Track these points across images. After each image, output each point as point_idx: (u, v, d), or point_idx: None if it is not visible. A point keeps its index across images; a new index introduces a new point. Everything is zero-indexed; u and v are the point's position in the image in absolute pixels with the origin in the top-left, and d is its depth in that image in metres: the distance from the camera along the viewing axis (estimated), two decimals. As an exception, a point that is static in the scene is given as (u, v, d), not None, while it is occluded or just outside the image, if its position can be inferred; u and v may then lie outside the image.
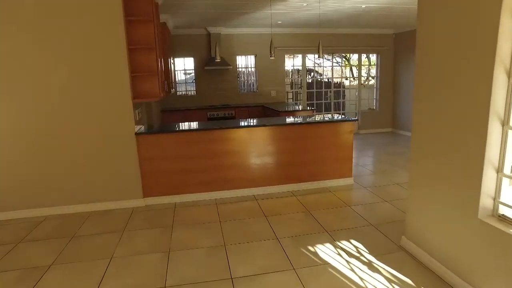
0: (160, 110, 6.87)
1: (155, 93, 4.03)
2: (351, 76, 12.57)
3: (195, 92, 7.67)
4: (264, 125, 4.15)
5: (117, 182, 3.95)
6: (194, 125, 4.40)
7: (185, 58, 7.62)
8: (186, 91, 7.78)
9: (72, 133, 3.75)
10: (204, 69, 7.29)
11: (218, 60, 4.94)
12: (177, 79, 7.60)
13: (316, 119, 4.53)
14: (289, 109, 6.22)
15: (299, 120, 4.56)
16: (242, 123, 4.32)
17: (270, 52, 4.51)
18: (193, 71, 7.60)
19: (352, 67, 12.77)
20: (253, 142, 4.16)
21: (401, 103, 8.28)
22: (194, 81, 7.65)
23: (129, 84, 3.77)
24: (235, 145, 4.12)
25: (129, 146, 3.89)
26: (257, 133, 4.14)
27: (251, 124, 4.25)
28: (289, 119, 4.64)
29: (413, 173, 2.68)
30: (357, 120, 3.81)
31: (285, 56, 7.94)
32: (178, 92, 7.66)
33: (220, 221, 3.53)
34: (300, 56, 8.22)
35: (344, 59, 12.70)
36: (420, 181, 2.57)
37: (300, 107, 7.09)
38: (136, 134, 3.88)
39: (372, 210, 3.68)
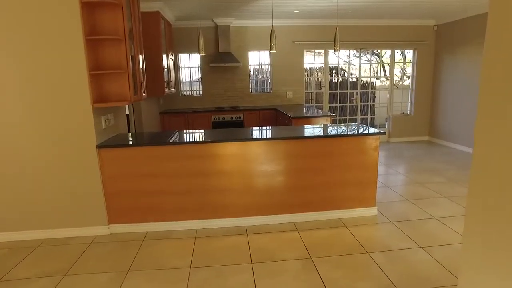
0: (159, 113, 6.12)
1: (124, 95, 3.23)
2: (383, 75, 11.32)
3: (201, 92, 6.87)
4: (262, 139, 3.23)
5: (76, 204, 3.19)
6: (176, 136, 3.56)
7: (191, 54, 6.82)
8: (191, 91, 6.99)
9: (17, 145, 3.03)
10: (210, 66, 6.45)
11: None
12: (181, 78, 6.83)
13: (331, 132, 3.54)
14: (304, 114, 5.24)
15: (309, 131, 3.59)
16: (234, 136, 3.42)
17: (270, 45, 3.57)
18: (199, 68, 6.79)
19: (384, 65, 11.50)
20: (248, 160, 3.25)
21: (441, 107, 7.02)
22: (200, 80, 6.84)
23: (87, 85, 2.99)
24: (225, 163, 3.24)
25: (89, 161, 3.12)
26: (254, 148, 3.23)
27: (246, 137, 3.34)
28: (297, 130, 3.68)
29: (471, 218, 1.67)
30: (383, 133, 2.75)
31: (304, 51, 6.94)
32: (182, 92, 6.89)
33: (191, 267, 2.66)
34: (322, 51, 7.18)
35: (376, 55, 11.43)
36: (487, 232, 1.55)
37: (320, 112, 6.07)
38: (98, 147, 3.10)
39: (400, 262, 2.66)
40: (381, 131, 3.34)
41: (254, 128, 3.83)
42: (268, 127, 3.84)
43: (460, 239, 2.96)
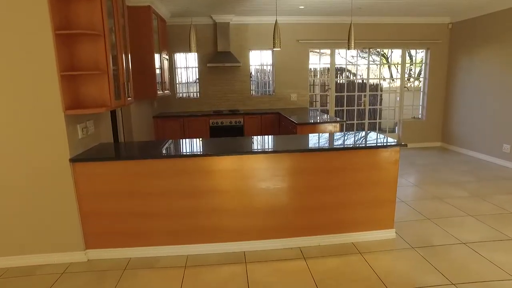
0: (153, 117, 5.67)
1: (103, 100, 2.78)
2: (388, 76, 10.85)
3: (198, 94, 6.42)
4: (263, 152, 2.76)
5: (46, 226, 2.74)
6: (167, 147, 3.10)
7: (187, 54, 6.37)
8: (188, 93, 6.54)
9: (-23, 157, 2.58)
10: (207, 66, 6.00)
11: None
12: (177, 79, 6.38)
13: (342, 143, 3.08)
14: (309, 121, 4.78)
15: (317, 142, 3.13)
16: (231, 148, 2.96)
17: (274, 41, 3.10)
18: (196, 69, 6.34)
19: (391, 66, 11.02)
20: (247, 176, 2.79)
21: (456, 111, 6.54)
22: (197, 81, 6.39)
23: (58, 88, 2.53)
24: (221, 180, 2.78)
25: (61, 177, 2.67)
26: (254, 163, 2.77)
27: (245, 149, 2.88)
28: (303, 140, 3.22)
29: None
30: (405, 145, 2.25)
31: (309, 51, 6.48)
32: (178, 95, 6.44)
33: (177, 309, 2.21)
34: (328, 51, 6.72)
35: (381, 56, 10.95)
36: None
37: (328, 117, 5.61)
38: (72, 160, 2.65)
39: (430, 304, 2.20)
40: (402, 143, 2.87)
41: (254, 137, 3.37)
42: (269, 137, 3.38)
43: (500, 273, 2.49)
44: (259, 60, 6.51)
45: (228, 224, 2.87)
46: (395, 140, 2.98)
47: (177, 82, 6.40)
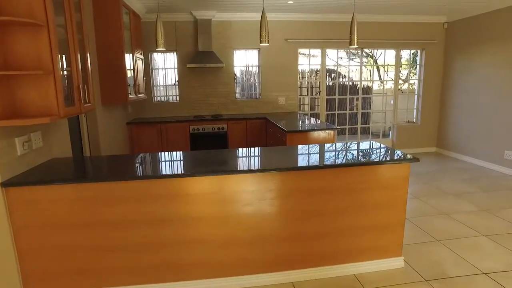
0: (126, 123, 5.10)
1: (48, 108, 2.22)
2: (379, 79, 10.53)
3: (177, 98, 5.87)
4: (248, 171, 2.25)
5: (-26, 269, 2.16)
6: (131, 165, 2.56)
7: (166, 54, 5.82)
8: (166, 96, 5.98)
9: None
10: (187, 67, 5.46)
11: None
12: (154, 81, 5.82)
13: (343, 157, 2.60)
14: (301, 128, 4.31)
15: (312, 157, 2.65)
16: (209, 166, 2.43)
17: (261, 36, 2.60)
18: (175, 70, 5.79)
19: (379, 68, 10.71)
20: (228, 200, 2.28)
21: (452, 114, 6.19)
22: (176, 83, 5.84)
23: (-18, 93, 1.97)
24: (194, 205, 2.25)
25: (-9, 206, 2.10)
26: (236, 184, 2.26)
27: (226, 168, 2.36)
28: (295, 153, 2.73)
29: None
30: (417, 160, 1.72)
31: (299, 51, 6.02)
32: (155, 98, 5.87)
33: None
34: (316, 52, 6.28)
35: (369, 57, 10.61)
36: None
37: (318, 122, 5.16)
38: (5, 185, 2.08)
39: None
40: (415, 158, 2.40)
41: (237, 150, 2.86)
42: (255, 150, 2.87)
43: (537, 318, 2.05)
44: (244, 60, 6.02)
45: (205, 258, 2.34)
46: (407, 155, 2.51)
47: (154, 84, 5.83)
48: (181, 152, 2.80)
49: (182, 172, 2.19)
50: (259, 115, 5.65)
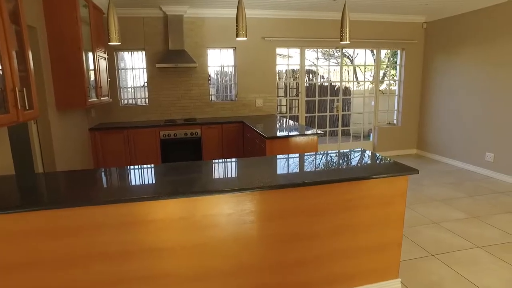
0: (89, 129, 4.59)
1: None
2: (355, 80, 10.45)
3: (147, 100, 5.40)
4: (225, 191, 1.88)
5: None
6: (84, 184, 2.13)
7: (133, 53, 5.35)
8: (135, 99, 5.50)
9: None
10: (156, 67, 5.02)
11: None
12: (120, 83, 5.33)
13: (334, 170, 2.29)
14: (282, 132, 4.00)
15: (297, 171, 2.32)
16: (177, 187, 2.04)
17: (237, 29, 2.22)
18: (144, 71, 5.33)
19: (356, 68, 10.62)
20: (199, 225, 1.90)
21: (432, 116, 6.09)
22: (145, 84, 5.38)
23: None
24: (160, 233, 1.86)
25: None
26: (210, 207, 1.89)
27: (197, 189, 1.98)
28: (276, 166, 2.40)
29: None
30: (417, 172, 1.38)
31: (277, 50, 5.71)
32: (122, 101, 5.38)
33: None
34: (295, 51, 6.00)
35: (346, 57, 10.49)
36: None
37: (298, 126, 4.87)
38: None
39: None
40: (414, 169, 2.12)
41: (211, 163, 2.49)
42: (232, 163, 2.51)
43: None
44: (219, 60, 5.64)
45: (174, 295, 1.96)
46: (405, 165, 2.24)
47: (121, 86, 5.34)
48: (146, 166, 2.39)
49: (145, 194, 1.80)
50: (235, 118, 5.28)
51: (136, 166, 2.41)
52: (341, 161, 2.45)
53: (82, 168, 4.22)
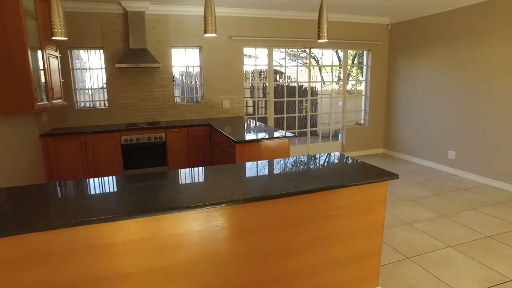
0: (40, 136, 4.16)
1: None
2: (321, 80, 10.53)
3: (106, 103, 5.02)
4: (194, 207, 1.68)
5: None
6: (27, 204, 1.83)
7: (90, 51, 4.95)
8: (93, 101, 5.09)
9: None
10: (116, 67, 4.67)
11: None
12: (76, 84, 4.91)
13: (311, 181, 2.15)
14: (252, 136, 3.83)
15: (270, 181, 2.17)
16: (140, 201, 1.81)
17: (205, 24, 2.01)
18: (103, 71, 4.95)
19: (322, 69, 10.72)
20: (165, 246, 1.68)
21: (397, 116, 6.23)
22: (104, 86, 5.00)
23: None
24: (120, 258, 1.62)
25: None
26: (177, 224, 1.68)
27: (161, 206, 1.76)
28: (245, 174, 2.23)
29: None
30: (396, 177, 1.27)
31: (244, 50, 5.55)
32: (78, 104, 4.96)
33: None
34: (261, 51, 5.87)
35: (311, 57, 10.55)
36: None
37: (266, 127, 4.74)
38: None
39: None
40: (394, 174, 2.04)
41: (176, 174, 2.27)
42: (199, 172, 2.31)
43: None
44: (184, 60, 5.37)
45: (139, 325, 1.73)
46: (384, 174, 2.15)
47: (77, 88, 4.92)
48: (103, 179, 2.13)
49: (101, 215, 1.55)
50: (202, 121, 5.05)
51: (91, 180, 2.13)
52: (317, 168, 2.33)
53: (31, 181, 3.80)
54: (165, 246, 1.67)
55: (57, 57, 4.14)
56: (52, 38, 1.72)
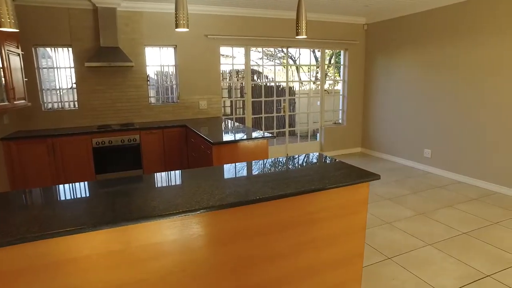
0: (1, 139, 3.88)
1: None
2: (298, 80, 10.57)
3: (75, 104, 4.77)
4: (167, 214, 1.56)
5: None
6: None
7: (57, 49, 4.68)
8: (61, 102, 4.82)
9: None
10: (85, 66, 4.43)
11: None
12: (43, 84, 4.63)
13: (291, 184, 2.07)
14: (229, 136, 3.73)
15: (248, 183, 2.07)
16: (108, 208, 1.67)
17: (177, 18, 1.89)
18: (72, 70, 4.70)
19: (299, 68, 10.77)
20: (137, 259, 1.55)
21: (374, 115, 6.30)
22: (74, 86, 4.74)
23: None
24: (86, 274, 1.48)
25: None
26: (148, 233, 1.55)
27: (131, 215, 1.62)
28: (224, 177, 2.13)
29: None
30: (378, 177, 1.21)
31: (221, 50, 5.43)
32: (46, 105, 4.68)
33: None
34: (238, 51, 5.77)
35: (288, 57, 10.58)
36: None
37: (244, 128, 4.65)
38: None
39: None
40: (375, 175, 2.00)
41: (150, 179, 2.14)
42: (175, 176, 2.19)
43: None
44: (159, 59, 5.19)
45: None
46: (366, 175, 2.10)
47: (43, 88, 4.64)
48: (68, 186, 1.96)
49: (62, 227, 1.40)
50: (178, 122, 4.90)
51: (58, 187, 1.96)
52: (297, 169, 2.26)
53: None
54: (136, 258, 1.54)
55: (18, 54, 3.88)
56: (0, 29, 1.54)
